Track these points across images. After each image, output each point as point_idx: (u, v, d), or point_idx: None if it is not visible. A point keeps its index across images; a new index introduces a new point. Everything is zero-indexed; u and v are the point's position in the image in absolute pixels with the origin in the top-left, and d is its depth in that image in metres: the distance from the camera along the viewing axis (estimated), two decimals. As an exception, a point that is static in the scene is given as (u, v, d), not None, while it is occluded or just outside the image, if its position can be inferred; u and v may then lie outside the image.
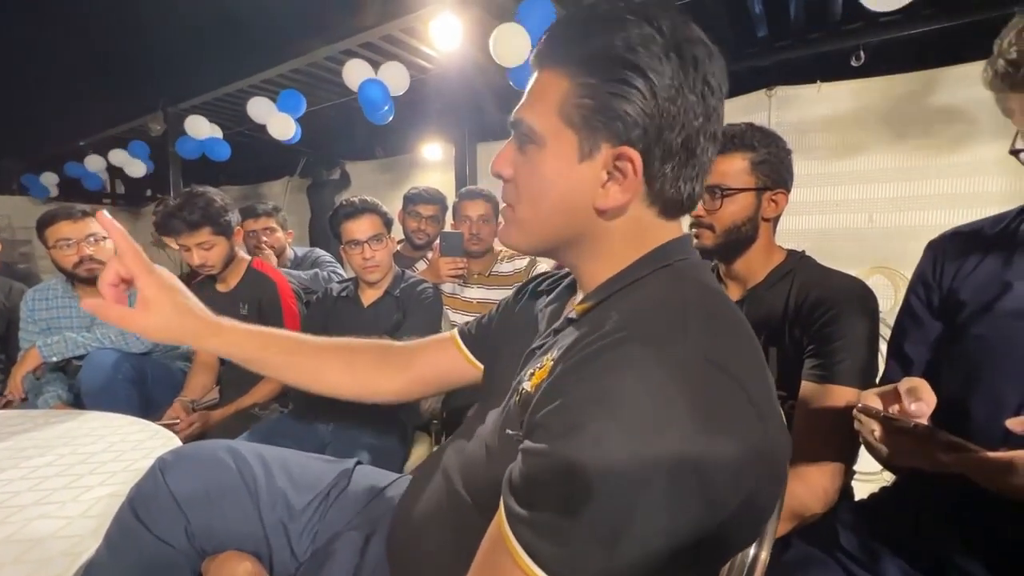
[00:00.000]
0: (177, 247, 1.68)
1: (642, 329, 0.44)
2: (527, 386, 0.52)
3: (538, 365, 0.53)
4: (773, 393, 0.46)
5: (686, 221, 0.64)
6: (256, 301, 1.73)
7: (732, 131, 1.03)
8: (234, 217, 1.73)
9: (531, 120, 0.53)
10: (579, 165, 0.51)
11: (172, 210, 1.61)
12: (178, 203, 1.62)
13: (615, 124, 0.49)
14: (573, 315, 0.55)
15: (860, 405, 0.68)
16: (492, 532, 0.44)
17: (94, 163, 5.39)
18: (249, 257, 1.86)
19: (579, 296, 0.60)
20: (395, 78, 3.23)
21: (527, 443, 0.44)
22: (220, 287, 1.79)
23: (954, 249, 0.84)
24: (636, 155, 0.49)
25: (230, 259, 1.74)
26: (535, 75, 0.55)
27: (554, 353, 0.51)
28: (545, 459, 0.41)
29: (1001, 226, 0.80)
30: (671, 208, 0.54)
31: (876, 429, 0.66)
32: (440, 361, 0.83)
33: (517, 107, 0.55)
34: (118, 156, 5.08)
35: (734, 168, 1.01)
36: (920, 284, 0.87)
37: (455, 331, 0.85)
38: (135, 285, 0.67)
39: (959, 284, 0.81)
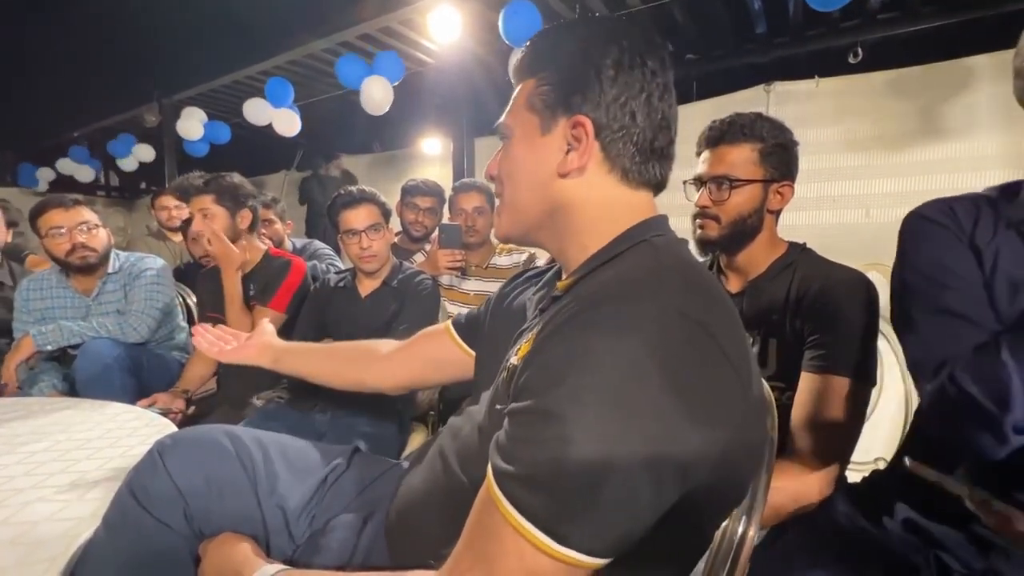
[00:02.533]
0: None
1: (619, 292, 0.47)
2: (514, 360, 0.56)
3: (524, 341, 0.57)
4: (747, 348, 0.49)
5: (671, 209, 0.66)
6: (264, 280, 1.74)
7: (741, 121, 1.01)
8: (248, 201, 1.77)
9: (505, 120, 0.64)
10: (541, 139, 0.59)
11: (190, 176, 1.71)
12: (198, 174, 1.73)
13: (569, 100, 0.57)
14: (557, 293, 0.59)
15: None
16: (482, 494, 0.45)
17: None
18: (265, 247, 1.86)
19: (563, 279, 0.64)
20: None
21: (512, 405, 0.46)
22: None
23: (962, 215, 0.73)
24: (588, 121, 0.57)
25: (231, 238, 1.73)
26: (514, 91, 0.64)
27: (537, 328, 0.54)
28: (527, 415, 0.43)
29: (1001, 199, 0.73)
30: (631, 176, 0.59)
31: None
32: (434, 350, 0.90)
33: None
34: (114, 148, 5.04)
35: (742, 158, 1.00)
36: (940, 237, 0.73)
37: (448, 321, 0.90)
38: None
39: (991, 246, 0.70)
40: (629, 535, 0.41)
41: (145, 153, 5.00)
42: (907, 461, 0.64)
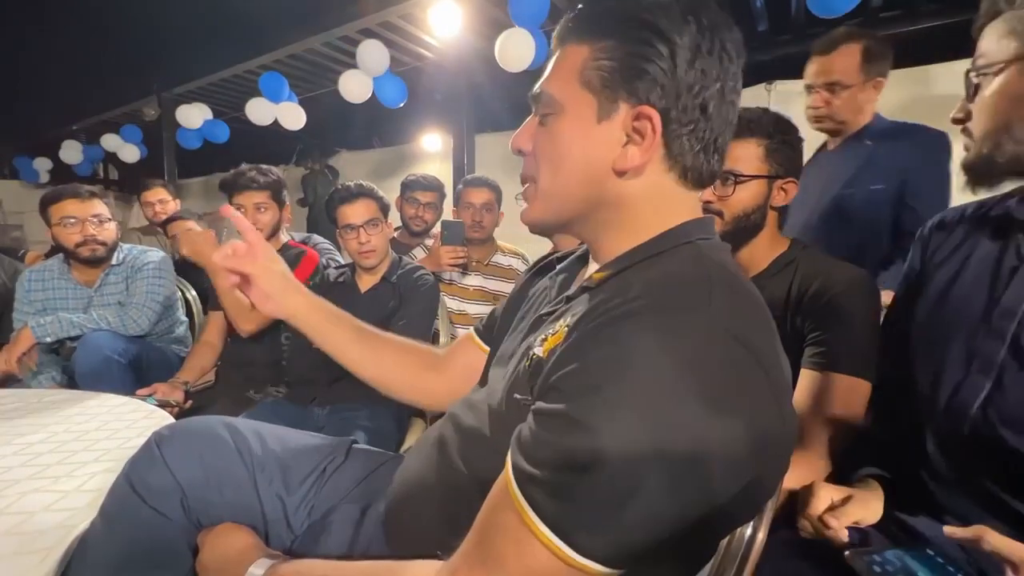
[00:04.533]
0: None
1: (665, 298, 0.44)
2: (539, 351, 0.52)
3: (551, 331, 0.53)
4: (788, 374, 0.47)
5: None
6: None
7: (748, 116, 1.00)
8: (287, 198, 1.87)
9: (550, 89, 0.54)
10: (598, 126, 0.51)
11: (243, 170, 1.76)
12: (249, 167, 1.78)
13: (634, 84, 0.49)
14: (589, 283, 0.55)
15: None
16: (498, 490, 0.44)
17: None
18: (286, 239, 1.90)
19: (594, 266, 0.60)
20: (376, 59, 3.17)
21: (540, 404, 0.44)
22: None
23: (940, 230, 0.87)
24: (655, 114, 0.49)
25: (275, 231, 1.82)
26: (556, 52, 0.56)
27: (568, 319, 0.51)
28: (558, 420, 0.41)
29: (982, 211, 0.82)
30: (690, 175, 0.53)
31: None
32: (468, 361, 0.82)
33: (539, 82, 0.56)
34: (111, 141, 5.03)
35: (748, 154, 0.99)
36: (904, 282, 0.91)
37: (471, 330, 0.85)
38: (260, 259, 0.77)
39: (936, 262, 0.84)
40: (647, 548, 0.39)
41: (129, 154, 5.02)
42: (846, 554, 0.68)
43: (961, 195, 0.84)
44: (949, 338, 0.76)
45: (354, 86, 3.25)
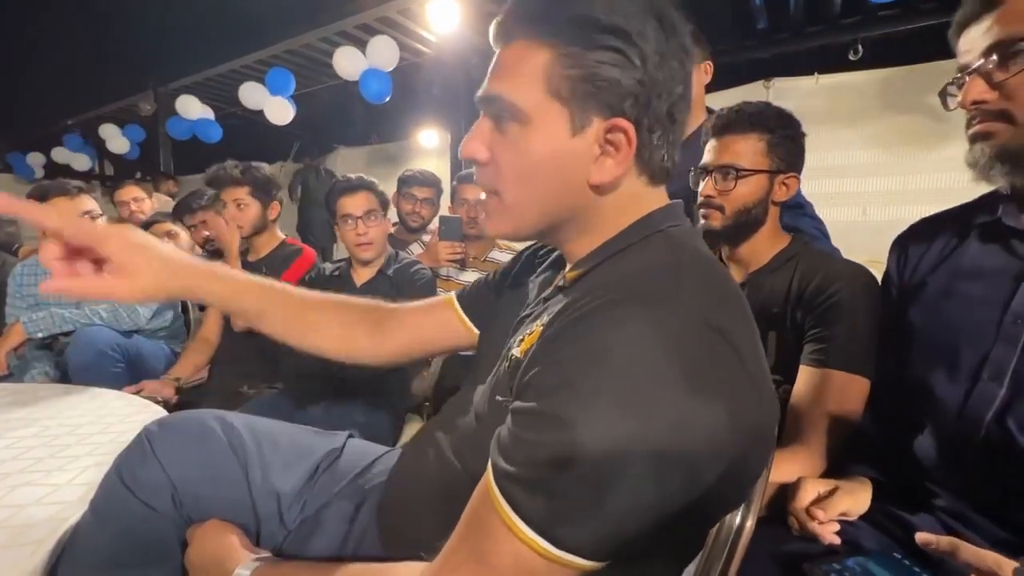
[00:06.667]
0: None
1: (635, 289, 0.44)
2: (516, 352, 0.52)
3: (528, 331, 0.53)
4: (764, 358, 0.46)
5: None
6: (276, 268, 1.77)
7: (750, 110, 0.99)
8: (277, 194, 1.83)
9: (512, 96, 0.49)
10: (571, 140, 0.49)
11: (225, 165, 1.73)
12: (233, 163, 1.75)
13: (606, 95, 0.47)
14: (563, 283, 0.55)
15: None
16: (480, 490, 0.44)
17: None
18: (283, 236, 1.89)
19: (568, 266, 0.59)
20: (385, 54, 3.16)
21: (517, 403, 0.43)
22: (250, 257, 1.84)
23: (918, 239, 0.87)
24: (629, 126, 0.48)
25: (260, 228, 1.79)
26: (504, 46, 0.52)
27: (544, 319, 0.51)
28: (534, 417, 0.41)
29: (961, 218, 0.82)
30: (658, 176, 0.53)
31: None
32: (433, 324, 0.80)
33: (487, 82, 0.52)
34: (107, 130, 5.01)
35: (750, 148, 0.98)
36: (883, 289, 0.92)
37: (452, 295, 0.82)
38: (99, 253, 0.59)
39: (924, 270, 0.83)
40: (629, 539, 0.39)
41: (120, 144, 5.01)
42: (804, 565, 0.67)
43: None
44: (954, 345, 0.75)
45: (346, 62, 3.24)
